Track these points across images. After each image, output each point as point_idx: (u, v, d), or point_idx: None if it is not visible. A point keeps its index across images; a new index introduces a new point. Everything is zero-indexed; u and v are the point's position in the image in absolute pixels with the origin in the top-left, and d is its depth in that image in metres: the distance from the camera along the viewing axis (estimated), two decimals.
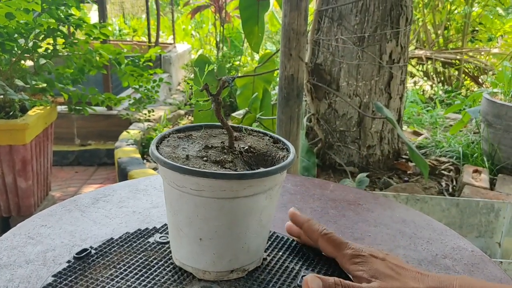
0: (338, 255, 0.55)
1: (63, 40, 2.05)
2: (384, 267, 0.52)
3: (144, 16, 7.50)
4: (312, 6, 2.55)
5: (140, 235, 0.65)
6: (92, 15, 6.24)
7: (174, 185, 0.51)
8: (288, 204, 0.81)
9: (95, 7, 6.42)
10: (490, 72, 4.54)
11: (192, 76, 4.32)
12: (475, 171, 2.34)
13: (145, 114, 2.80)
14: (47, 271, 0.59)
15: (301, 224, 0.62)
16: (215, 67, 2.45)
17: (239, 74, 3.38)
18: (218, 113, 0.55)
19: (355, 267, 0.53)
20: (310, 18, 2.43)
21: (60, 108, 2.31)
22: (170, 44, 5.18)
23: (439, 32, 5.10)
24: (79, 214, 0.74)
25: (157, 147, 0.55)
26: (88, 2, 2.12)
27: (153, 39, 4.38)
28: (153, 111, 2.78)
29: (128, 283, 0.54)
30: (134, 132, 2.90)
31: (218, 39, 4.55)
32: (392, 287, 0.49)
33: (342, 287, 0.49)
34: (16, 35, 1.81)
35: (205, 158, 0.53)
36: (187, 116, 3.72)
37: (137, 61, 2.31)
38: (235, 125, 0.63)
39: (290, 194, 0.86)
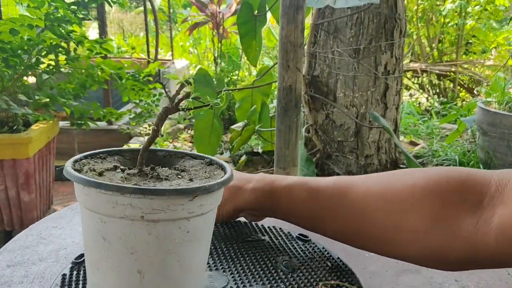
0: None
1: (65, 56, 2.09)
2: None
3: (142, 34, 7.60)
4: (308, 20, 2.61)
5: None
6: (90, 33, 6.32)
7: None
8: None
9: (93, 25, 6.50)
10: (485, 83, 4.61)
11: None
12: None
13: (146, 128, 2.84)
14: (60, 267, 0.61)
15: None
16: (214, 80, 2.49)
17: (238, 87, 3.43)
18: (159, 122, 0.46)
19: None
20: (307, 32, 2.48)
21: (61, 123, 2.34)
22: (169, 60, 5.24)
23: (433, 45, 5.18)
24: None
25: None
26: (90, 19, 2.17)
27: (152, 56, 4.44)
28: (153, 125, 2.81)
29: None
30: (134, 146, 2.94)
31: (216, 55, 4.61)
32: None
33: None
34: (19, 51, 1.86)
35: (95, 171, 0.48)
36: (186, 130, 3.76)
37: (137, 76, 2.35)
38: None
39: None
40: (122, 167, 0.49)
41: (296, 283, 0.57)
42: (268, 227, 0.72)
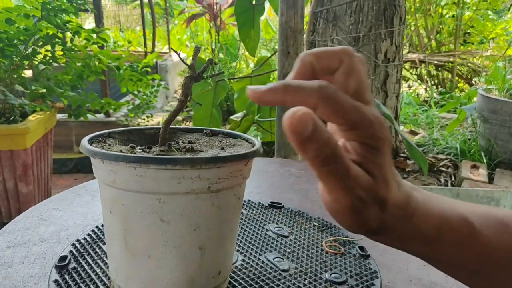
0: None
1: (61, 47, 2.06)
2: None
3: (138, 28, 7.55)
4: (307, 9, 2.59)
5: None
6: (86, 27, 6.28)
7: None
8: (295, 185, 0.83)
9: (88, 20, 6.46)
10: (484, 73, 4.60)
11: None
12: (473, 166, 2.36)
13: (144, 119, 2.81)
14: (62, 248, 0.59)
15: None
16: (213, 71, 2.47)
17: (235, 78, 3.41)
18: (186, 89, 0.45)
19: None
20: (305, 20, 2.46)
21: (58, 116, 2.32)
22: (166, 53, 5.21)
23: (431, 36, 5.16)
24: (89, 198, 0.75)
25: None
26: (87, 9, 2.14)
27: (149, 49, 4.41)
28: (151, 116, 2.79)
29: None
30: None
31: (213, 46, 4.59)
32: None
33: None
34: (16, 41, 1.83)
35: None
36: (184, 122, 3.73)
37: (135, 66, 2.32)
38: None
39: (295, 177, 0.87)
40: (139, 146, 0.46)
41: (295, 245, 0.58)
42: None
